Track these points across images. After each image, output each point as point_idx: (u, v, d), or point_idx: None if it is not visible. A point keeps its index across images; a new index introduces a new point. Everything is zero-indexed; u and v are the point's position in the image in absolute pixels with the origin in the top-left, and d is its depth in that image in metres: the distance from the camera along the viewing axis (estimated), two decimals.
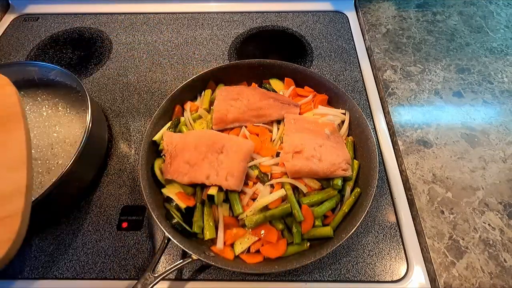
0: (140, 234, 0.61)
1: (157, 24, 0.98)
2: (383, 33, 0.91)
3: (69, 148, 0.64)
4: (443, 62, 0.84)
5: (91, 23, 0.98)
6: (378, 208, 0.63)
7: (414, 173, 0.65)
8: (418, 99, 0.77)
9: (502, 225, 0.59)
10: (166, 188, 0.59)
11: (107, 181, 0.67)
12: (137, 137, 0.74)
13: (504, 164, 0.66)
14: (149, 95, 0.81)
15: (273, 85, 0.73)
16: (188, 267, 0.57)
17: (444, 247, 0.57)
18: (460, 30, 0.91)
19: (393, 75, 0.81)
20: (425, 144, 0.69)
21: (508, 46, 0.87)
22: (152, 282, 0.49)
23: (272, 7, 1.01)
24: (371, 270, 0.57)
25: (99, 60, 0.89)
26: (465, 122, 0.72)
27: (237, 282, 0.56)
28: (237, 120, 0.64)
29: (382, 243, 0.59)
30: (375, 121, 0.76)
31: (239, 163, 0.56)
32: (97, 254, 0.59)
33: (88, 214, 0.63)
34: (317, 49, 0.90)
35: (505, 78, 0.80)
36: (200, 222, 0.56)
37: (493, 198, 0.62)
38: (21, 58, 0.89)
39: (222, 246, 0.54)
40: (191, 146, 0.58)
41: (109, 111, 0.78)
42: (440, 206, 0.61)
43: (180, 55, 0.90)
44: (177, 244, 0.50)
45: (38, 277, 0.57)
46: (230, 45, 0.92)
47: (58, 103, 0.70)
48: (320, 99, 0.69)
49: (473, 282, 0.54)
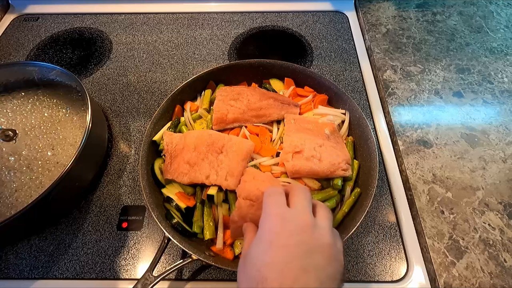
0: (140, 234, 0.61)
1: (157, 24, 0.98)
2: (383, 33, 0.91)
3: (69, 148, 0.64)
4: (443, 62, 0.84)
5: (91, 23, 0.98)
6: (378, 208, 0.63)
7: (414, 173, 0.65)
8: (418, 99, 0.77)
9: (502, 225, 0.59)
10: (166, 188, 0.59)
11: (107, 181, 0.67)
12: (137, 137, 0.74)
13: (504, 164, 0.66)
14: (149, 95, 0.81)
15: (273, 85, 0.73)
16: (188, 267, 0.57)
17: (444, 247, 0.57)
18: (460, 30, 0.91)
19: (393, 75, 0.81)
20: (425, 144, 0.69)
21: (508, 46, 0.87)
22: (152, 282, 0.49)
23: (272, 7, 1.01)
24: (371, 270, 0.57)
25: (99, 60, 0.89)
26: (465, 122, 0.72)
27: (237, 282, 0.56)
28: (237, 120, 0.64)
29: (382, 243, 0.59)
30: (375, 121, 0.76)
31: (239, 163, 0.56)
32: (97, 254, 0.59)
33: (88, 214, 0.63)
34: (317, 49, 0.90)
35: (505, 78, 0.80)
36: (200, 222, 0.56)
37: (493, 198, 0.62)
38: (21, 58, 0.89)
39: (222, 246, 0.54)
40: (191, 146, 0.58)
41: (109, 111, 0.78)
42: (440, 206, 0.61)
43: (180, 55, 0.90)
44: (177, 244, 0.50)
45: (38, 277, 0.57)
46: (230, 45, 0.92)
47: (58, 103, 0.70)
48: (320, 99, 0.69)
49: (473, 282, 0.54)
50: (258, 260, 0.36)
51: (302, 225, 0.38)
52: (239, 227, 0.51)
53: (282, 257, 0.35)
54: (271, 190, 0.43)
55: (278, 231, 0.37)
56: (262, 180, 0.54)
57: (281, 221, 0.38)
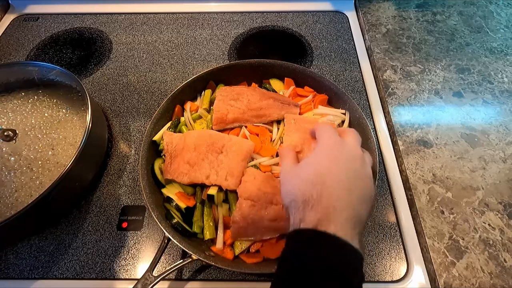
0: (140, 234, 0.61)
1: (157, 24, 0.98)
2: (383, 33, 0.91)
3: (69, 148, 0.64)
4: (443, 62, 0.84)
5: (91, 23, 0.98)
6: (378, 208, 0.63)
7: (414, 173, 0.65)
8: (418, 99, 0.77)
9: (502, 225, 0.59)
10: (166, 188, 0.59)
11: (107, 181, 0.67)
12: (137, 137, 0.74)
13: (504, 164, 0.66)
14: (149, 95, 0.81)
15: (273, 85, 0.73)
16: (188, 267, 0.57)
17: (444, 247, 0.57)
18: (460, 30, 0.91)
19: (393, 75, 0.81)
20: (425, 144, 0.69)
21: (508, 46, 0.87)
22: (152, 282, 0.49)
23: (272, 7, 1.01)
24: (371, 270, 0.57)
25: (99, 60, 0.89)
26: (465, 122, 0.72)
27: (237, 282, 0.56)
28: (237, 120, 0.64)
29: (382, 243, 0.59)
30: (375, 121, 0.76)
31: (239, 163, 0.56)
32: (97, 254, 0.59)
33: (88, 214, 0.63)
34: (317, 49, 0.90)
35: (505, 78, 0.80)
36: (200, 222, 0.56)
37: (493, 198, 0.62)
38: (21, 58, 0.89)
39: (222, 246, 0.54)
40: (191, 146, 0.58)
41: (109, 111, 0.78)
42: (440, 206, 0.61)
43: (180, 55, 0.90)
44: (177, 244, 0.50)
45: (38, 277, 0.57)
46: (230, 45, 0.92)
47: (58, 103, 0.70)
48: (320, 99, 0.69)
49: (473, 282, 0.54)
50: (318, 169, 0.41)
51: (354, 154, 0.43)
52: (240, 227, 0.51)
53: (337, 174, 0.40)
54: (325, 124, 0.49)
55: (336, 152, 0.43)
56: (262, 180, 0.54)
57: (339, 146, 0.43)
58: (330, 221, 0.37)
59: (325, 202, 0.38)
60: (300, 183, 0.41)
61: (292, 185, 0.42)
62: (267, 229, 0.52)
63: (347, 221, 0.37)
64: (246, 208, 0.51)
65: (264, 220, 0.51)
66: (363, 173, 0.42)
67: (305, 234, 0.37)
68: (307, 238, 0.37)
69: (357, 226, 0.38)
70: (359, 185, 0.40)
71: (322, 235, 0.36)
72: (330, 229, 0.36)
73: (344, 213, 0.37)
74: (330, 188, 0.39)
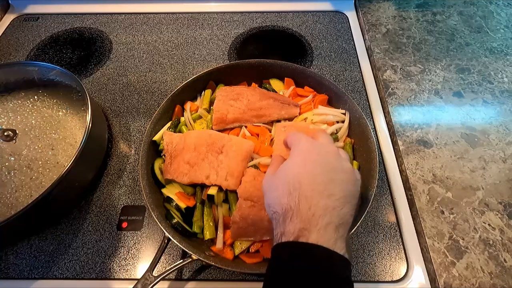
0: (140, 234, 0.61)
1: (157, 24, 0.98)
2: (383, 33, 0.91)
3: (69, 148, 0.64)
4: (443, 62, 0.84)
5: (91, 23, 0.98)
6: (378, 208, 0.63)
7: (414, 173, 0.65)
8: (418, 99, 0.77)
9: (502, 225, 0.59)
10: (166, 188, 0.59)
11: (107, 181, 0.67)
12: (137, 137, 0.74)
13: (504, 164, 0.66)
14: (149, 95, 0.81)
15: (273, 85, 0.73)
16: (188, 267, 0.57)
17: (444, 247, 0.57)
18: (460, 30, 0.91)
19: (393, 75, 0.81)
20: (425, 144, 0.69)
21: (508, 46, 0.87)
22: (152, 282, 0.49)
23: (272, 7, 1.01)
24: (371, 270, 0.57)
25: (99, 60, 0.89)
26: (465, 122, 0.72)
27: (237, 282, 0.56)
28: (237, 120, 0.64)
29: (382, 243, 0.59)
30: (375, 121, 0.76)
31: (239, 163, 0.56)
32: (97, 254, 0.59)
33: (88, 214, 0.63)
34: (317, 49, 0.90)
35: (505, 78, 0.80)
36: (200, 222, 0.56)
37: (493, 198, 0.62)
38: (21, 58, 0.89)
39: (222, 246, 0.54)
40: (191, 146, 0.58)
41: (109, 111, 0.78)
42: (440, 206, 0.61)
43: (180, 55, 0.90)
44: (177, 244, 0.50)
45: (38, 277, 0.57)
46: (230, 45, 0.92)
47: (58, 103, 0.70)
48: (320, 99, 0.69)
49: (473, 282, 0.54)
50: (293, 170, 0.42)
51: (328, 150, 0.44)
52: (240, 228, 0.51)
53: (313, 169, 0.41)
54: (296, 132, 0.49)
55: (309, 150, 0.43)
56: (262, 180, 0.54)
57: (311, 145, 0.44)
58: (310, 230, 0.36)
59: (304, 209, 0.37)
60: (278, 195, 0.40)
61: (272, 199, 0.42)
62: (267, 230, 0.52)
63: (329, 225, 0.36)
64: (246, 209, 0.51)
65: (264, 221, 0.51)
66: (339, 166, 0.42)
67: (287, 247, 0.37)
68: (289, 251, 0.36)
69: (340, 228, 0.37)
70: (338, 179, 0.40)
71: (303, 246, 0.35)
72: (311, 239, 0.35)
73: (324, 218, 0.36)
74: (308, 189, 0.38)
